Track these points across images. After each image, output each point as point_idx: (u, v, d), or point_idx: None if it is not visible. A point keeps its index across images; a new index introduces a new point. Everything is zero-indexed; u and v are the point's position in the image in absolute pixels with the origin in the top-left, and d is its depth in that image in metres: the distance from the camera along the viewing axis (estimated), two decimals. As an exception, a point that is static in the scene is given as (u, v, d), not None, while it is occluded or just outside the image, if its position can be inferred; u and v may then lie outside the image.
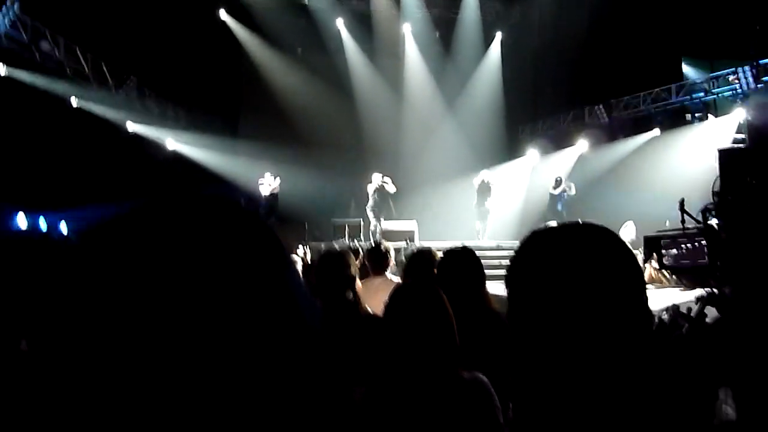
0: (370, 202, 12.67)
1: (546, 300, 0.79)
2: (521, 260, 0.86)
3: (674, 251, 8.47)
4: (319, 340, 0.62)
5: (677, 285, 9.26)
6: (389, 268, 4.23)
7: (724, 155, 7.20)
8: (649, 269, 9.70)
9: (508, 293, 0.87)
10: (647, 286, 0.83)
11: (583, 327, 0.77)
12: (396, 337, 1.73)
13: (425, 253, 3.57)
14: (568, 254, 0.81)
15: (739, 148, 8.13)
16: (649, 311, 0.82)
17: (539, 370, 0.81)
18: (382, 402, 1.69)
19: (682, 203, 7.42)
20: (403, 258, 9.71)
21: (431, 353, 1.69)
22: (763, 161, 6.63)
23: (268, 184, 12.81)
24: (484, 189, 13.42)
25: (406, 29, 16.30)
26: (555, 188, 13.84)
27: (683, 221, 7.53)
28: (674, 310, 3.35)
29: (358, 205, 14.21)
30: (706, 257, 7.44)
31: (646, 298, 0.81)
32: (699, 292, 4.77)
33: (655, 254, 9.30)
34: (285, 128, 14.93)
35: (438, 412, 1.63)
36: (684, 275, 8.93)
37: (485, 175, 13.56)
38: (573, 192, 13.80)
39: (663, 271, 9.45)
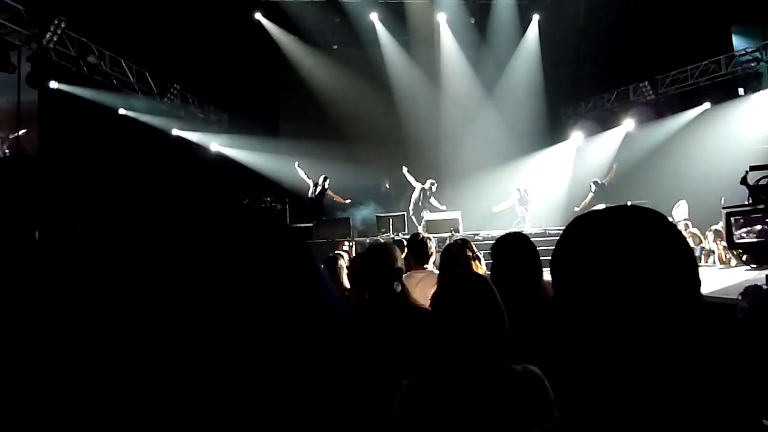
0: (412, 206, 12.80)
1: (593, 286, 0.77)
2: (567, 245, 0.84)
3: (745, 229, 7.98)
4: (345, 339, 0.63)
5: (744, 264, 8.85)
6: (431, 260, 4.16)
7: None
8: (718, 249, 9.28)
9: (553, 279, 0.85)
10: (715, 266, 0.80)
11: (632, 313, 0.75)
12: (444, 329, 1.72)
13: (454, 255, 3.49)
14: (616, 238, 0.78)
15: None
16: (700, 295, 0.79)
17: (587, 357, 0.79)
18: (429, 394, 1.67)
19: (744, 178, 7.11)
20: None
21: (481, 345, 1.67)
22: None
23: (314, 184, 12.92)
24: (523, 199, 13.32)
25: (441, 18, 16.15)
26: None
27: (751, 196, 7.19)
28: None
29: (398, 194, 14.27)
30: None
31: (699, 282, 0.78)
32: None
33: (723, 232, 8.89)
34: (325, 125, 15.06)
35: (487, 405, 1.61)
36: (753, 254, 8.42)
37: (520, 186, 13.40)
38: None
39: (732, 250, 9.00)
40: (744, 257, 8.91)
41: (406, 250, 4.44)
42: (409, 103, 16.00)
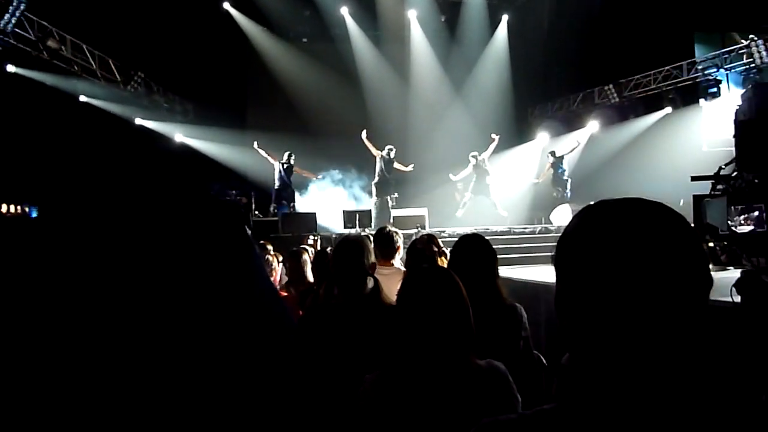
0: (377, 177, 12.67)
1: (603, 279, 0.74)
2: (576, 236, 0.80)
3: (744, 215, 7.97)
4: (282, 330, 0.58)
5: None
6: (398, 256, 4.09)
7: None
8: None
9: (557, 273, 0.82)
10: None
11: (643, 308, 0.72)
12: (409, 323, 1.70)
13: (420, 251, 3.50)
14: (628, 230, 0.75)
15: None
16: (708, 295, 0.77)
17: (590, 354, 0.77)
18: (392, 389, 1.66)
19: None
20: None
21: (445, 339, 1.66)
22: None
23: (281, 163, 12.62)
24: (479, 168, 13.16)
25: (412, 15, 16.15)
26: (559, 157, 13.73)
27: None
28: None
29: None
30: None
31: (711, 280, 0.76)
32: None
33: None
34: (293, 118, 14.92)
35: (451, 399, 1.60)
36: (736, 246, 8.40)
37: (477, 155, 13.25)
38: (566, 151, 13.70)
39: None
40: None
41: (372, 246, 4.40)
42: (378, 98, 15.97)
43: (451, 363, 1.65)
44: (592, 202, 0.86)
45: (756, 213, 6.89)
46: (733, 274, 6.84)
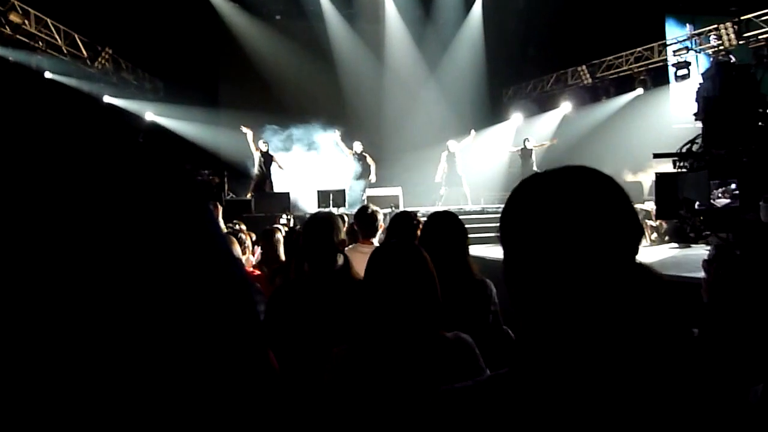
0: (353, 174, 12.73)
1: (543, 246, 0.77)
2: (513, 207, 0.83)
3: (721, 189, 7.92)
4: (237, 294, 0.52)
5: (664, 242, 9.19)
6: (378, 234, 4.12)
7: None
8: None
9: (502, 245, 0.84)
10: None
11: (582, 272, 0.75)
12: (377, 296, 1.71)
13: (407, 215, 3.54)
14: (564, 196, 0.78)
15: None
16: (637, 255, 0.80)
17: (536, 319, 0.79)
18: (360, 361, 1.67)
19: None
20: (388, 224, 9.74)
21: (412, 312, 1.67)
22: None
23: (261, 153, 12.40)
24: (451, 158, 13.20)
25: (386, -7, 16.03)
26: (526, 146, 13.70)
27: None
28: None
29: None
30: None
31: (642, 231, 0.80)
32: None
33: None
34: (265, 97, 14.73)
35: (418, 370, 1.61)
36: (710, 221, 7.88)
37: (451, 145, 13.28)
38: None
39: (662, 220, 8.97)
40: (665, 235, 9.30)
41: (345, 225, 4.40)
42: (352, 77, 15.84)
43: (418, 335, 1.66)
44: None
45: (733, 186, 6.94)
46: (697, 251, 7.00)
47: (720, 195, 7.26)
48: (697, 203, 7.25)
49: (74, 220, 0.43)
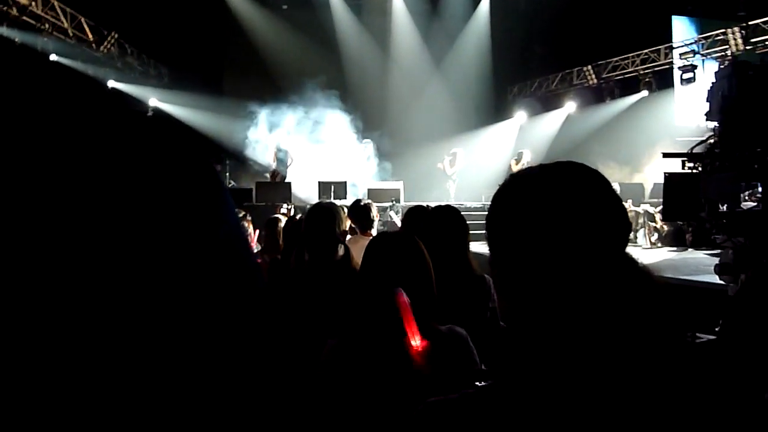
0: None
1: (530, 241, 0.76)
2: (503, 202, 0.84)
3: (749, 191, 7.64)
4: (255, 286, 0.51)
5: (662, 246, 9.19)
6: (375, 226, 4.15)
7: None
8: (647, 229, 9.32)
9: (489, 238, 0.84)
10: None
11: (572, 266, 0.74)
12: (369, 287, 1.72)
13: (420, 209, 3.54)
14: (551, 191, 0.78)
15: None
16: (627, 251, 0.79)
17: (524, 319, 0.79)
18: (354, 352, 1.67)
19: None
20: (389, 217, 9.75)
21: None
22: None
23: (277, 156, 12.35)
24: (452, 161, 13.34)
25: (394, -15, 15.97)
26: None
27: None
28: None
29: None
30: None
31: (629, 226, 0.79)
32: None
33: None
34: (270, 86, 14.70)
35: (410, 362, 1.62)
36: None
37: (459, 152, 13.37)
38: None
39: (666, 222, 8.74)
40: (657, 239, 9.24)
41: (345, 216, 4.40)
42: (358, 69, 15.81)
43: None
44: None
45: (760, 189, 6.55)
46: (695, 255, 6.97)
47: (746, 198, 7.02)
48: (725, 206, 7.04)
49: (90, 205, 0.41)
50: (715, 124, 7.46)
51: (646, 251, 8.58)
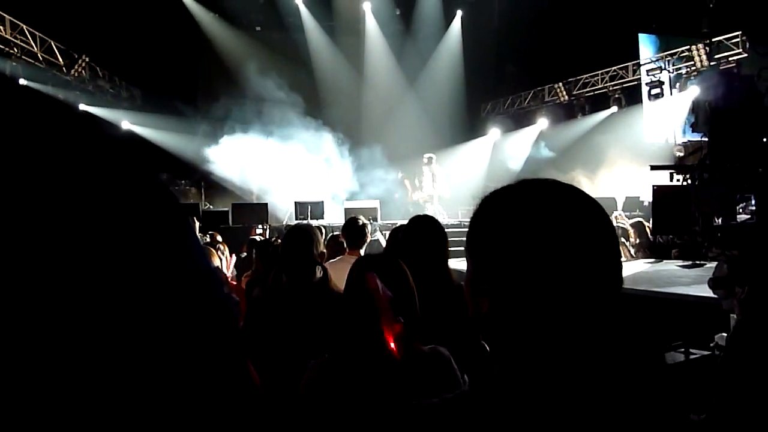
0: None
1: (515, 257, 0.75)
2: (485, 217, 0.83)
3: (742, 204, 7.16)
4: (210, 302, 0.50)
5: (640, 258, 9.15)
6: (364, 246, 4.08)
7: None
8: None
9: (469, 253, 0.83)
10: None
11: (559, 285, 0.73)
12: (355, 308, 1.72)
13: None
14: (536, 209, 0.77)
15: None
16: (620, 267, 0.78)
17: (505, 334, 0.78)
18: (337, 372, 1.67)
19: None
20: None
21: None
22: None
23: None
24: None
25: (366, 7, 16.13)
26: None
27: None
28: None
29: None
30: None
31: (619, 253, 0.78)
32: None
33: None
34: (243, 107, 14.67)
35: (394, 384, 1.62)
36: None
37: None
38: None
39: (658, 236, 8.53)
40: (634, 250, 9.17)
41: (322, 237, 4.39)
42: (332, 90, 15.89)
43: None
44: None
45: (754, 202, 6.42)
46: (668, 267, 7.05)
47: (741, 210, 6.89)
48: (720, 219, 6.66)
49: (45, 232, 0.40)
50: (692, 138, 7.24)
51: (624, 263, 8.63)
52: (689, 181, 7.51)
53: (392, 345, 1.51)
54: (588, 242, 0.75)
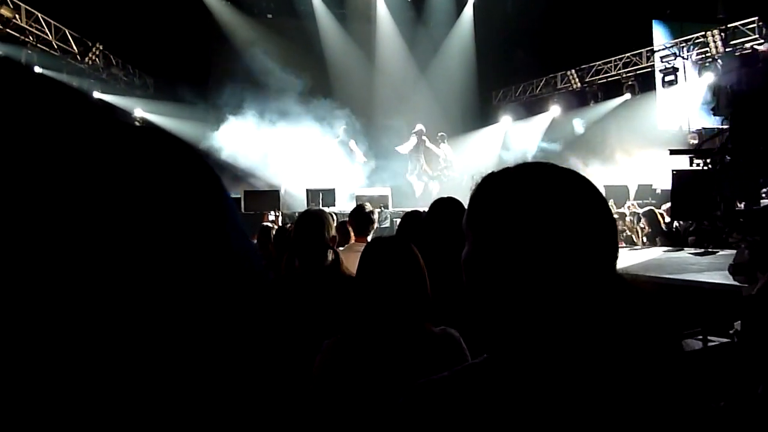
0: None
1: (516, 237, 0.77)
2: (484, 199, 0.84)
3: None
4: (261, 288, 0.49)
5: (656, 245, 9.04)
6: (372, 233, 4.11)
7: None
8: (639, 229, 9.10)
9: (469, 234, 0.85)
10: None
11: (561, 269, 0.75)
12: (367, 290, 1.77)
13: (416, 215, 3.54)
14: (534, 188, 0.79)
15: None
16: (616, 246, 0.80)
17: (501, 319, 0.80)
18: (348, 353, 1.72)
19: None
20: (377, 224, 9.77)
21: (401, 307, 1.72)
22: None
23: None
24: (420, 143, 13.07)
25: (378, -7, 16.08)
26: None
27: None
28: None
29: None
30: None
31: (615, 234, 0.80)
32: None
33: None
34: (256, 94, 14.70)
35: (405, 364, 1.67)
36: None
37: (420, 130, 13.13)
38: None
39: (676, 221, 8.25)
40: (657, 238, 9.13)
41: (335, 223, 4.41)
42: (343, 77, 15.87)
43: (406, 329, 1.72)
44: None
45: None
46: (680, 254, 7.01)
47: (765, 195, 6.74)
48: (743, 204, 6.45)
49: (83, 212, 0.39)
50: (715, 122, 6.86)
51: (631, 252, 8.64)
52: (710, 166, 7.31)
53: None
54: (584, 221, 0.77)
